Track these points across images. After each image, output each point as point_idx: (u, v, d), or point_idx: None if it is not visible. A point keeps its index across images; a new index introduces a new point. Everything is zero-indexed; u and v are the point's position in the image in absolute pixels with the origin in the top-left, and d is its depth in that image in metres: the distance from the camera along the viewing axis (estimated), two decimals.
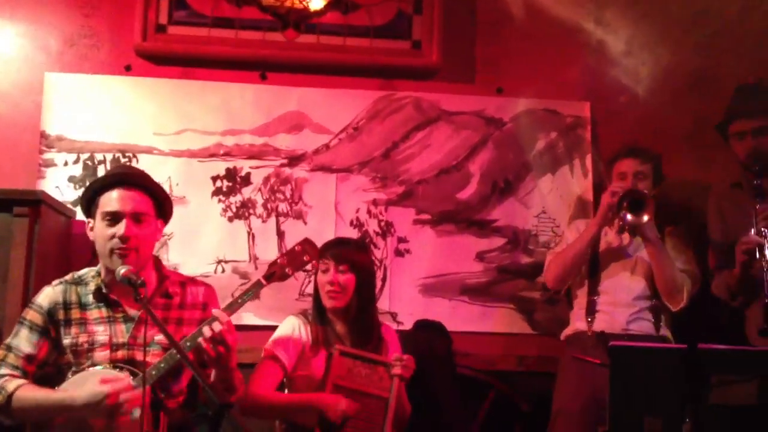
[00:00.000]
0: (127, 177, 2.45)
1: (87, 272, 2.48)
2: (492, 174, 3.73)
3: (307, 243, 2.55)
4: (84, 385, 2.24)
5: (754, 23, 3.82)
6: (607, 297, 3.15)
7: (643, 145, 3.35)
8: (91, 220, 2.44)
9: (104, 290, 2.40)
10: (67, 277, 2.48)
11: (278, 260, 2.49)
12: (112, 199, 2.37)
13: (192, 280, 2.58)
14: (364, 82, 3.76)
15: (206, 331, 2.22)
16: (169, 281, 2.50)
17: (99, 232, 2.39)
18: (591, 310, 3.14)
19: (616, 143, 3.49)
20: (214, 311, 2.29)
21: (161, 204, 2.48)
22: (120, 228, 2.33)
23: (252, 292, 2.39)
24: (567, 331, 3.25)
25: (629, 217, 3.04)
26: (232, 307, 2.35)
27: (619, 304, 3.12)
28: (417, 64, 3.77)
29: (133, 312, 2.39)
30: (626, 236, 3.23)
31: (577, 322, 3.19)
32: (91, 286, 2.42)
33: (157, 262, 2.54)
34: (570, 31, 3.81)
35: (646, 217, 3.01)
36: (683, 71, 3.84)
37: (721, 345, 2.36)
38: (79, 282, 2.45)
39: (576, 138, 3.76)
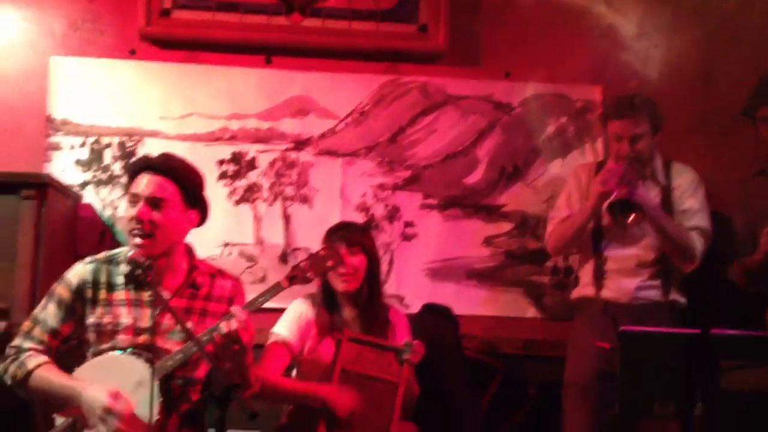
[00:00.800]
0: (156, 162, 2.42)
1: (120, 252, 2.45)
2: (500, 159, 3.71)
3: (330, 248, 2.53)
4: (98, 378, 2.23)
5: None
6: (613, 263, 3.09)
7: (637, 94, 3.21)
8: None
9: (136, 272, 2.36)
10: (100, 255, 2.45)
11: (301, 264, 2.44)
12: (137, 183, 2.37)
13: (221, 273, 2.54)
14: (370, 66, 3.73)
15: (222, 327, 2.20)
16: (198, 272, 2.47)
17: (124, 212, 2.38)
18: (599, 275, 3.10)
19: None
20: (233, 308, 2.27)
21: (192, 194, 2.43)
22: (135, 210, 2.32)
23: (271, 294, 2.36)
24: (575, 294, 3.21)
25: (617, 221, 2.99)
26: (251, 307, 2.32)
27: (627, 272, 3.06)
28: (423, 47, 3.73)
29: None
30: None
31: (586, 288, 3.14)
32: (123, 267, 2.39)
33: (190, 251, 2.51)
34: (580, 14, 3.77)
35: (631, 217, 2.95)
36: (696, 55, 3.80)
37: (734, 330, 2.35)
38: (111, 261, 2.42)
39: (586, 122, 3.72)
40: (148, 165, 2.41)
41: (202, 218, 2.50)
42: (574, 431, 2.99)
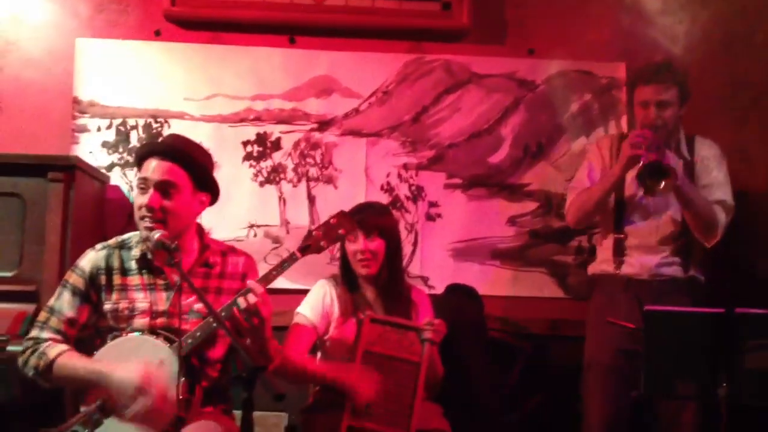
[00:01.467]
0: (163, 147, 2.43)
1: (131, 236, 2.46)
2: (524, 137, 3.70)
3: (342, 216, 2.51)
4: (124, 359, 2.25)
5: None
6: (633, 239, 3.05)
7: (666, 62, 3.17)
8: None
9: (149, 256, 2.39)
10: (111, 241, 2.46)
11: (313, 233, 2.45)
12: (146, 168, 2.37)
13: (233, 250, 2.55)
14: (393, 45, 3.72)
15: (241, 302, 2.22)
16: (210, 250, 2.48)
17: (134, 198, 2.39)
18: (619, 251, 3.07)
19: None
20: (249, 283, 2.28)
21: (201, 177, 2.42)
22: (146, 198, 2.33)
23: (287, 265, 2.38)
24: (594, 269, 3.18)
25: (648, 186, 2.92)
26: (267, 279, 2.33)
27: (647, 248, 3.03)
28: (447, 25, 3.72)
29: (175, 279, 2.37)
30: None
31: (604, 263, 3.11)
32: (135, 252, 2.41)
33: (200, 231, 2.52)
34: None
35: (663, 183, 2.89)
36: (720, 30, 3.76)
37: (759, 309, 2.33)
38: (123, 246, 2.44)
39: (611, 99, 3.70)
40: (155, 149, 2.41)
41: (213, 199, 2.50)
42: (597, 412, 2.98)
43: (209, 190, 2.46)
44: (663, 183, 2.89)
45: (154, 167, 2.35)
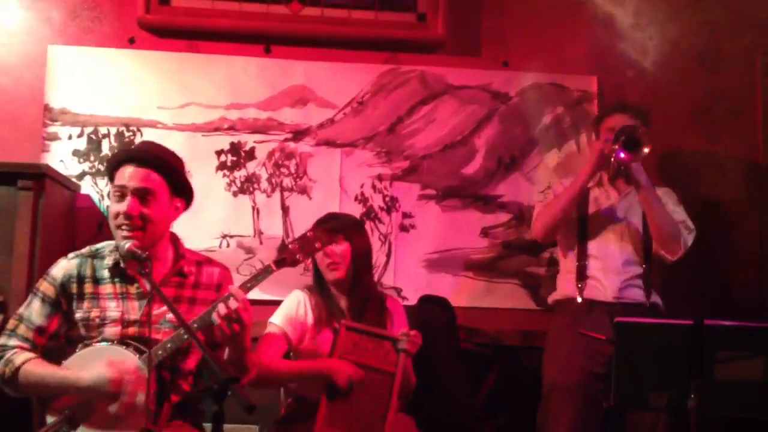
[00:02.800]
0: (139, 153, 2.42)
1: (105, 246, 2.44)
2: (497, 149, 3.71)
3: (318, 229, 2.53)
4: (90, 365, 2.24)
5: None
6: (596, 262, 3.10)
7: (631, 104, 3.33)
8: None
9: (122, 264, 2.37)
10: (84, 250, 2.45)
11: (289, 246, 2.45)
12: (121, 175, 2.35)
13: (208, 261, 2.54)
14: (369, 55, 3.73)
15: (221, 308, 2.20)
16: (185, 260, 2.47)
17: (110, 206, 2.38)
18: (581, 276, 3.11)
19: None
20: (231, 288, 2.27)
21: (177, 183, 2.42)
22: (124, 205, 2.32)
23: (261, 277, 2.36)
24: (555, 296, 3.22)
25: (624, 155, 2.98)
26: (243, 289, 2.32)
27: (610, 270, 3.08)
28: (422, 36, 3.74)
29: (148, 288, 2.34)
30: (616, 196, 3.18)
31: (567, 288, 3.15)
32: (108, 261, 2.39)
33: (175, 240, 2.51)
34: (577, 4, 3.78)
35: (647, 150, 2.96)
36: (691, 45, 3.82)
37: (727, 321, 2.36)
38: (96, 255, 2.42)
39: (583, 113, 3.73)
40: (131, 156, 2.40)
41: (188, 203, 2.49)
42: (565, 429, 2.97)
43: (184, 195, 2.46)
44: (646, 149, 2.96)
45: (131, 174, 2.34)
